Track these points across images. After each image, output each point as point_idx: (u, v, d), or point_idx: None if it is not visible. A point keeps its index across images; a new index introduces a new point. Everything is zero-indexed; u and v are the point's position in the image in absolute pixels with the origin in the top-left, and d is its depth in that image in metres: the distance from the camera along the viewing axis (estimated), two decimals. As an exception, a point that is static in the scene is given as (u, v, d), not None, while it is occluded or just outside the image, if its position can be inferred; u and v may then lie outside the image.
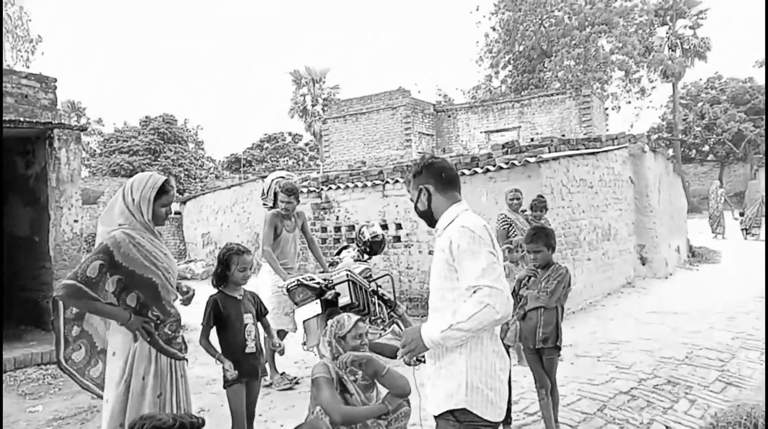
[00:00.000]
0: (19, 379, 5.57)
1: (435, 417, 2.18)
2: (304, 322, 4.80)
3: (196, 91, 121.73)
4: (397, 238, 9.12)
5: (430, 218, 2.32)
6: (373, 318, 5.58)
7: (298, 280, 4.81)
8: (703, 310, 7.81)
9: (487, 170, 7.95)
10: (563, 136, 19.75)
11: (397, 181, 8.92)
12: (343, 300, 4.78)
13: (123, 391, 2.58)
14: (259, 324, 3.49)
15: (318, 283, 4.83)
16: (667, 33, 35.59)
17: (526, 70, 32.99)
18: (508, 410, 3.76)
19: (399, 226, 9.13)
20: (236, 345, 3.23)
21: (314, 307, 4.74)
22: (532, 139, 18.73)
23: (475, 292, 1.98)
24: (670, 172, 13.61)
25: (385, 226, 9.13)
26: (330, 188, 10.12)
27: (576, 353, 5.83)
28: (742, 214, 19.17)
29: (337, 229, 10.02)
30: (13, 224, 7.68)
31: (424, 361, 2.34)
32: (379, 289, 5.98)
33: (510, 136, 22.18)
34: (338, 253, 6.57)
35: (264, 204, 5.74)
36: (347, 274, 4.91)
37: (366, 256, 6.31)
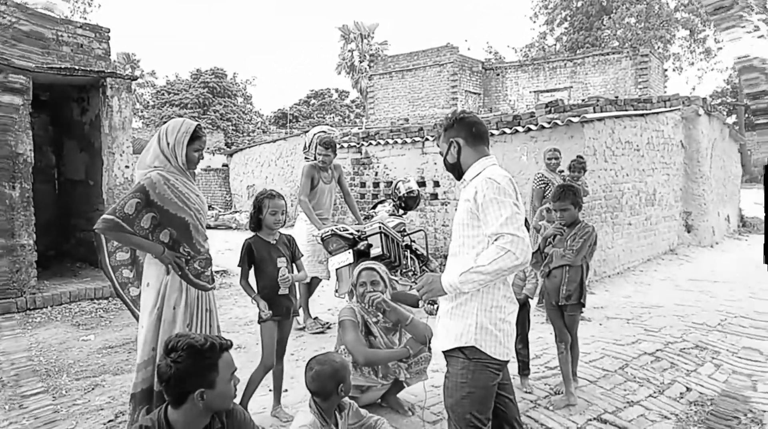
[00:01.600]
0: (74, 311, 6.04)
1: (444, 354, 2.30)
2: (336, 270, 4.98)
3: (246, 45, 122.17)
4: (434, 196, 9.17)
5: (458, 171, 2.38)
6: (404, 270, 5.73)
7: (332, 230, 4.97)
8: (746, 280, 7.61)
9: (529, 129, 7.82)
10: (616, 97, 19.00)
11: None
12: (375, 251, 4.93)
13: (155, 318, 2.82)
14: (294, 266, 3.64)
15: (351, 233, 4.98)
16: (739, -11, 33.14)
17: (583, 27, 31.52)
18: (527, 363, 3.86)
19: (437, 184, 9.17)
20: (270, 286, 3.40)
21: (347, 257, 4.90)
22: (583, 100, 18.08)
23: (497, 239, 2.07)
24: (726, 137, 13.00)
25: (422, 184, 9.18)
26: (370, 144, 10.19)
27: (606, 315, 5.84)
28: None
29: (376, 184, 10.13)
30: (69, 168, 8.13)
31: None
32: (412, 243, 6.12)
33: (560, 97, 21.43)
34: (374, 208, 6.71)
35: (306, 157, 5.85)
36: (380, 227, 5.04)
37: (401, 211, 6.43)
